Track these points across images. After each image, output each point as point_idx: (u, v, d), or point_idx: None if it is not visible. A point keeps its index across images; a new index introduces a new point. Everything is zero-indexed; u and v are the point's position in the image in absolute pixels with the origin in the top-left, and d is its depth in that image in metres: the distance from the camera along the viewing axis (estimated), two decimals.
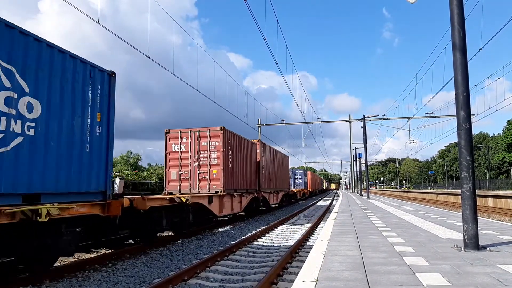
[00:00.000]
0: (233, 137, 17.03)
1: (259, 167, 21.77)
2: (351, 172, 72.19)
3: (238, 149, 17.61)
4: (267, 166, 23.95)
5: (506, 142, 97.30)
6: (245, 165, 18.71)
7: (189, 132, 15.99)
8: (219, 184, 15.52)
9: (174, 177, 15.94)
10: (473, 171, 5.35)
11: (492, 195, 34.45)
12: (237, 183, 17.28)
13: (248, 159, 19.33)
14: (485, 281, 3.62)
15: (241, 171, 18.02)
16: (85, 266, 8.25)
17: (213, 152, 15.75)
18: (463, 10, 5.64)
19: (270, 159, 25.08)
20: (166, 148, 16.18)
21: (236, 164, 17.14)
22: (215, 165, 15.69)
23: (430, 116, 38.54)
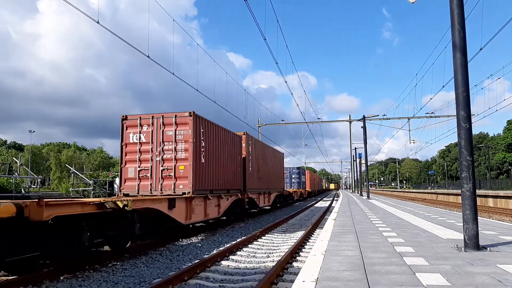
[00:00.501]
0: (208, 126, 13.90)
1: (244, 164, 18.64)
2: (351, 172, 72.26)
3: (216, 141, 14.61)
4: (256, 163, 20.94)
5: (506, 142, 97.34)
6: (225, 161, 15.60)
7: (150, 118, 12.90)
8: (186, 184, 12.38)
9: (131, 175, 12.84)
10: (473, 171, 5.34)
11: (492, 195, 34.44)
12: (213, 182, 14.19)
13: (229, 153, 16.27)
14: (485, 281, 3.62)
15: (220, 168, 14.96)
16: (85, 266, 8.24)
17: (180, 143, 12.59)
18: (463, 10, 5.63)
19: (260, 155, 22.13)
20: (122, 138, 13.14)
21: (212, 159, 14.06)
22: (182, 159, 12.51)
23: (430, 116, 38.57)
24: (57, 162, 74.29)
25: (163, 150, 12.72)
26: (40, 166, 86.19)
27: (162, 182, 12.65)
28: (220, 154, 15.07)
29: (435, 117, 38.63)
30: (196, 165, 12.66)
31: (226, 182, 15.73)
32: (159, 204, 10.57)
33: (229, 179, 16.17)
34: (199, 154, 13.02)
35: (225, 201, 15.75)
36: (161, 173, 12.64)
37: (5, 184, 22.25)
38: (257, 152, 21.48)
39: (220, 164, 15.10)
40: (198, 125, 13.06)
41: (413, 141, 42.19)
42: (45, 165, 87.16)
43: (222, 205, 15.25)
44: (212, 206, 14.30)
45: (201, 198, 13.23)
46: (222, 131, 15.46)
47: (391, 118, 41.71)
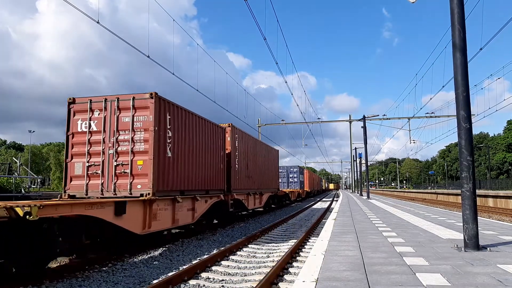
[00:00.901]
0: (177, 113, 11.39)
1: (229, 161, 16.12)
2: (351, 172, 72.27)
3: (188, 131, 12.07)
4: (244, 160, 18.48)
5: (506, 142, 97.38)
6: (202, 156, 13.07)
7: (103, 101, 10.48)
8: (146, 183, 9.92)
9: (78, 172, 10.44)
10: (473, 171, 5.34)
11: (492, 195, 34.44)
12: (185, 182, 11.71)
13: (208, 148, 13.69)
14: (485, 281, 3.62)
15: (194, 165, 12.43)
16: (84, 266, 8.24)
17: (139, 132, 10.20)
18: (463, 10, 5.64)
19: (250, 151, 19.73)
20: (68, 127, 10.66)
21: (183, 154, 11.63)
22: (141, 152, 10.12)
23: (430, 116, 38.58)
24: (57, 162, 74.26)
25: (117, 141, 10.27)
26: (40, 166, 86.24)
27: (116, 181, 10.17)
28: (195, 147, 12.43)
29: (435, 117, 38.66)
30: (160, 160, 10.26)
31: (204, 182, 13.24)
32: (100, 210, 8.02)
33: (208, 178, 13.63)
34: (164, 147, 10.55)
35: (203, 204, 13.15)
36: (114, 169, 10.19)
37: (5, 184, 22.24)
38: (246, 147, 19.03)
39: (195, 160, 12.46)
40: (163, 110, 10.56)
41: (413, 141, 42.23)
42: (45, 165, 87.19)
43: (198, 209, 12.62)
44: (184, 210, 11.67)
45: (167, 200, 10.68)
46: (198, 120, 12.80)
47: (391, 118, 41.74)
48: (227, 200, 15.70)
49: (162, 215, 10.45)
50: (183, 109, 11.76)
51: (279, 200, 30.83)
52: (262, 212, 22.56)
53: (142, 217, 9.59)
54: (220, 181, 14.93)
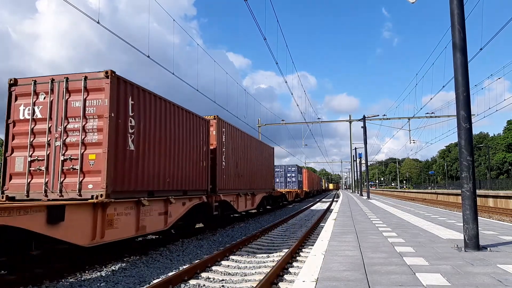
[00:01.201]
0: (143, 98, 9.57)
1: (214, 158, 14.36)
2: (351, 172, 72.28)
3: (160, 121, 10.35)
4: (234, 157, 16.75)
5: (506, 142, 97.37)
6: (178, 151, 11.32)
7: (49, 82, 8.71)
8: (99, 182, 8.06)
9: (19, 168, 8.64)
10: (473, 171, 5.34)
11: (492, 195, 34.44)
12: (154, 181, 9.98)
13: (187, 142, 11.89)
14: (485, 281, 3.62)
15: (167, 160, 10.65)
16: (85, 266, 8.24)
17: (92, 120, 8.37)
18: (463, 10, 5.64)
19: (240, 147, 17.95)
20: (8, 114, 8.92)
21: (152, 147, 9.89)
22: (93, 144, 8.29)
23: (430, 116, 38.58)
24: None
25: (66, 130, 8.48)
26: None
27: (63, 180, 8.33)
28: (168, 141, 10.70)
29: (435, 117, 38.67)
30: (118, 153, 8.48)
31: (181, 181, 11.44)
32: (23, 218, 6.24)
33: (187, 177, 11.82)
34: (124, 138, 8.74)
35: (179, 207, 11.24)
36: (61, 165, 8.35)
37: None
38: (236, 143, 17.25)
39: (169, 155, 10.72)
40: (124, 94, 8.80)
41: (413, 141, 42.23)
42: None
43: (173, 213, 10.82)
44: (154, 215, 9.87)
45: (129, 203, 8.82)
46: (173, 109, 11.03)
47: (391, 118, 41.75)
48: (211, 202, 13.75)
49: (122, 222, 8.52)
50: (152, 94, 9.87)
51: (275, 201, 28.85)
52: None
53: (91, 225, 7.64)
54: (202, 180, 13.08)
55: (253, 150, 20.62)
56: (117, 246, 9.88)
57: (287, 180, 40.93)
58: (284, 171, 41.08)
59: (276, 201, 29.27)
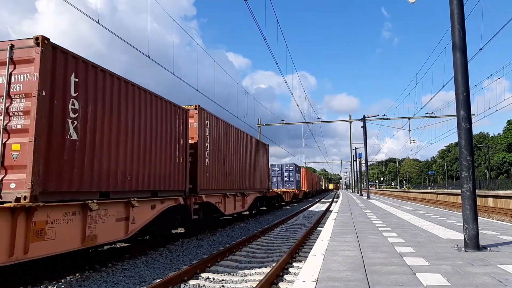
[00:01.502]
0: (92, 75, 7.75)
1: (195, 153, 12.69)
2: (351, 172, 72.30)
3: (117, 106, 8.45)
4: (220, 154, 15.05)
5: (506, 142, 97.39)
6: (145, 144, 9.53)
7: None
8: (23, 180, 6.25)
9: None
10: (473, 171, 5.34)
11: (492, 195, 34.44)
12: (109, 179, 8.11)
13: (158, 133, 10.16)
14: (485, 281, 3.62)
15: (129, 154, 8.81)
16: (85, 266, 8.24)
17: (18, 100, 6.57)
18: (463, 10, 5.64)
19: (229, 143, 16.31)
20: None
21: (105, 137, 8.04)
22: (18, 131, 6.48)
23: (430, 116, 38.59)
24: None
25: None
26: None
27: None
28: (129, 130, 8.86)
29: (435, 117, 38.68)
30: (53, 143, 6.70)
31: (150, 180, 9.68)
32: None
33: (157, 175, 10.09)
34: (63, 123, 6.94)
35: (146, 211, 9.43)
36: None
37: None
38: (223, 138, 15.54)
39: (131, 147, 8.88)
40: (62, 68, 6.99)
41: (413, 141, 42.24)
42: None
43: (137, 218, 8.97)
44: (110, 221, 7.97)
45: (71, 207, 6.96)
46: (136, 92, 9.19)
47: (391, 118, 41.76)
48: (190, 203, 11.91)
49: (60, 231, 6.65)
50: (107, 72, 8.11)
51: (269, 202, 26.84)
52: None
53: (8, 237, 5.75)
54: (178, 179, 11.26)
55: (245, 146, 18.88)
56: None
57: (284, 179, 39.08)
58: (282, 170, 39.29)
59: (271, 202, 27.39)
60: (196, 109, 13.03)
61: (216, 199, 14.46)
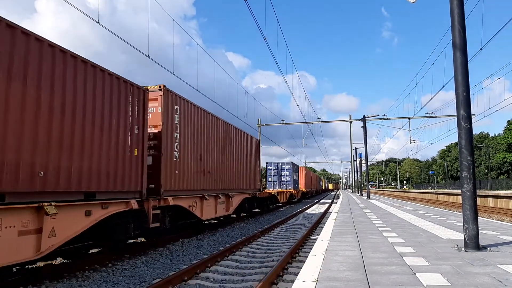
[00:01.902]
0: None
1: (158, 145, 10.48)
2: (351, 172, 72.30)
3: (32, 77, 6.45)
4: (194, 147, 12.61)
5: (506, 142, 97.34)
6: (70, 127, 7.32)
7: None
8: None
9: None
10: (473, 171, 5.34)
11: (492, 195, 34.43)
12: (4, 175, 5.86)
13: (92, 114, 7.95)
14: (485, 281, 3.61)
15: (39, 139, 6.57)
16: (85, 266, 8.24)
17: None
18: (463, 10, 5.63)
19: (206, 134, 13.75)
20: None
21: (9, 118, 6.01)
22: None
23: (430, 116, 38.56)
24: None
25: None
26: None
27: None
28: (43, 105, 6.66)
29: (435, 117, 38.64)
30: None
31: (81, 177, 7.51)
32: None
33: (96, 170, 7.93)
34: None
35: (77, 219, 7.36)
36: None
37: None
38: (200, 128, 13.11)
39: (43, 131, 6.64)
40: None
41: (413, 141, 42.17)
42: None
43: (60, 230, 6.84)
44: (8, 236, 5.83)
45: None
46: (49, 55, 6.83)
47: (391, 118, 41.71)
48: (147, 208, 9.58)
49: None
50: (15, 27, 6.12)
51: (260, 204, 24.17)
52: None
53: None
54: (131, 177, 8.96)
55: (230, 140, 16.63)
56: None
57: (281, 179, 36.66)
58: (278, 169, 36.86)
59: (261, 203, 24.60)
60: (161, 90, 10.57)
61: (189, 202, 12.10)
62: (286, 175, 36.84)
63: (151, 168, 10.21)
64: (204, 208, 13.40)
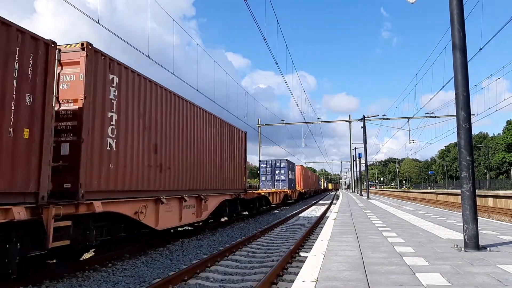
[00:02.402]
0: None
1: (79, 126, 7.51)
2: (351, 172, 72.32)
3: None
4: (143, 133, 9.64)
5: (506, 142, 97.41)
6: None
7: None
8: None
9: None
10: (473, 171, 5.35)
11: (492, 195, 34.46)
12: None
13: None
14: (485, 281, 3.62)
15: None
16: (85, 266, 8.24)
17: None
18: (463, 10, 5.64)
19: (166, 118, 10.74)
20: None
21: None
22: None
23: (430, 116, 38.63)
24: None
25: None
26: None
27: None
28: None
29: (435, 117, 38.75)
30: None
31: None
32: None
33: None
34: None
35: None
36: None
37: None
38: (152, 109, 10.01)
39: None
40: None
41: (412, 141, 42.27)
42: None
43: None
44: None
45: None
46: None
47: (391, 118, 41.85)
48: (45, 219, 6.38)
49: None
50: None
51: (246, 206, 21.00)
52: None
53: None
54: (16, 171, 6.04)
55: (203, 129, 13.58)
56: None
57: (275, 178, 33.69)
58: (272, 167, 33.83)
59: (247, 205, 21.20)
60: (84, 49, 7.53)
61: (133, 207, 8.99)
62: (281, 174, 33.89)
63: (69, 159, 7.31)
64: (161, 215, 10.30)
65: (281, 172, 33.74)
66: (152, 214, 9.97)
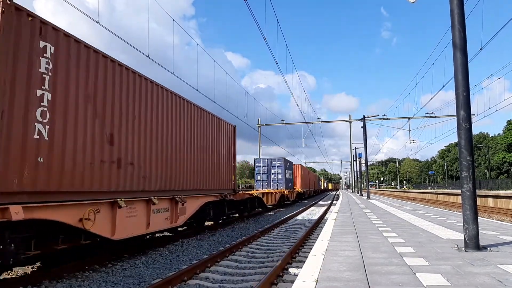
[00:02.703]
0: None
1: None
2: (351, 172, 72.32)
3: None
4: (89, 117, 7.49)
5: (506, 142, 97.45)
6: None
7: None
8: None
9: None
10: (473, 171, 5.33)
11: (492, 195, 34.45)
12: None
13: None
14: (485, 281, 3.61)
15: None
16: (84, 267, 8.23)
17: None
18: (463, 10, 5.63)
19: (121, 100, 8.52)
20: None
21: None
22: None
23: (430, 116, 38.64)
24: None
25: None
26: None
27: None
28: None
29: (435, 117, 38.76)
30: None
31: None
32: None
33: None
34: None
35: None
36: None
37: None
38: (105, 90, 8.04)
39: None
40: None
41: (413, 141, 42.27)
42: None
43: None
44: None
45: None
46: None
47: (391, 118, 41.86)
48: None
49: None
50: None
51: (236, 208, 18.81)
52: None
53: None
54: None
55: (181, 119, 11.61)
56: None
57: (271, 177, 31.55)
58: (268, 166, 31.60)
59: (237, 207, 19.03)
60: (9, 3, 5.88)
61: (77, 213, 7.10)
62: (277, 173, 31.60)
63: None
64: (120, 221, 8.33)
65: (277, 171, 31.66)
66: (106, 220, 7.96)
